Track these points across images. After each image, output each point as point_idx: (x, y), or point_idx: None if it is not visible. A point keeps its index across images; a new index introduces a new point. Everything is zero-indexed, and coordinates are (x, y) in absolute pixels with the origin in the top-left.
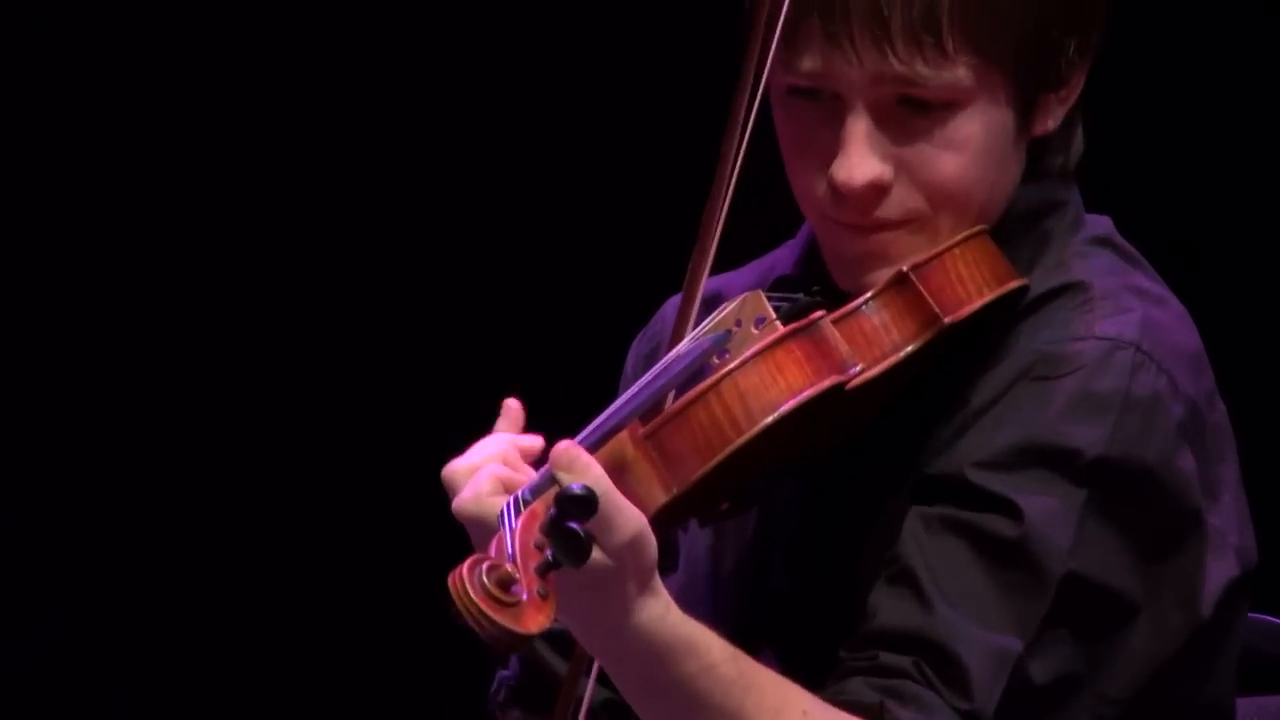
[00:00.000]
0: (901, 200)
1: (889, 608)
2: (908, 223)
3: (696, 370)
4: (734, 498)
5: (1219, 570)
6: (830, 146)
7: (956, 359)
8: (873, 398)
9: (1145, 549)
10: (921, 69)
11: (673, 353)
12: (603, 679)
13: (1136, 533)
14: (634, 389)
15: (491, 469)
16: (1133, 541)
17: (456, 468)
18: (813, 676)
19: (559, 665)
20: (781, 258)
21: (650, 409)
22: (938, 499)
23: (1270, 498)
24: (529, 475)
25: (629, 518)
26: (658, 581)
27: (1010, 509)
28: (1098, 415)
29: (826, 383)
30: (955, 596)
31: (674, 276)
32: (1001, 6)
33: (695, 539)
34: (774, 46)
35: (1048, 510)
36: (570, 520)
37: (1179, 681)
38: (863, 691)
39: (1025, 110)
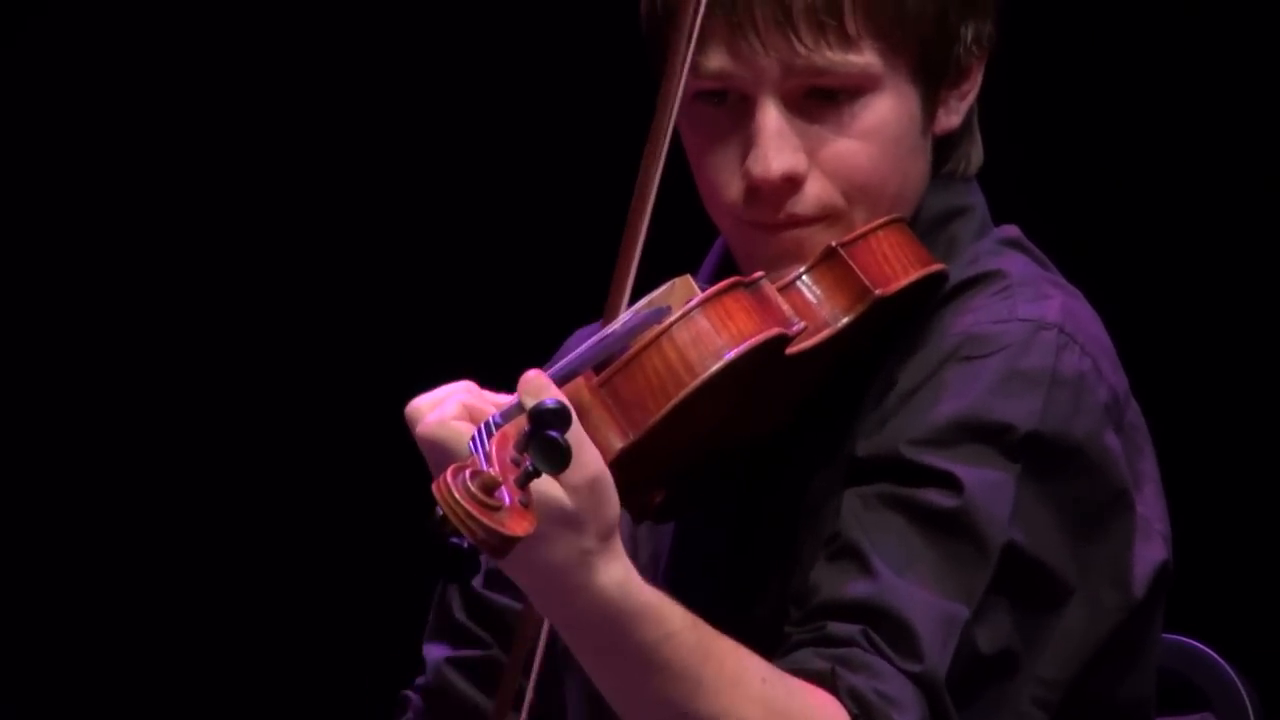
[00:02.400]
0: (816, 194)
1: (833, 581)
2: (822, 218)
3: (635, 339)
4: (669, 487)
5: (1148, 552)
6: (741, 146)
7: (881, 349)
8: (806, 380)
9: (1077, 527)
10: (827, 54)
11: (608, 327)
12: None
13: (1068, 510)
14: (577, 352)
15: (457, 396)
16: (1065, 519)
17: (419, 401)
18: None
19: (469, 692)
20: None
21: (599, 366)
22: (874, 478)
23: (1186, 526)
24: (494, 408)
25: (592, 455)
26: (619, 544)
27: (948, 480)
28: (1028, 391)
29: (773, 330)
30: (899, 566)
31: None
32: None
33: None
34: (690, 49)
35: (985, 481)
36: (550, 429)
37: (1110, 668)
38: (812, 660)
39: (928, 103)
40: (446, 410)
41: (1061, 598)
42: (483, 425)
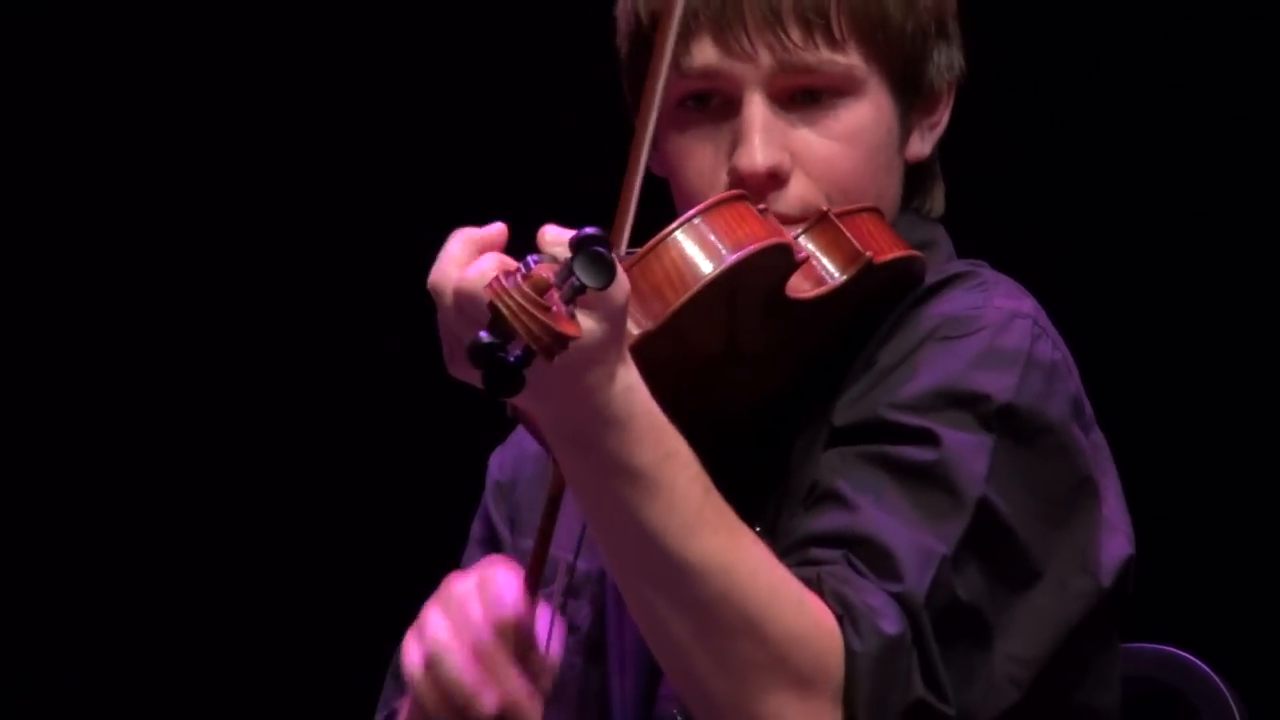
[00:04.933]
0: (799, 194)
1: (813, 520)
2: (804, 219)
3: None
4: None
5: (1113, 545)
6: (725, 146)
7: (862, 333)
8: (801, 338)
9: (1047, 507)
10: (814, 53)
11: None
12: None
13: (1039, 491)
14: None
15: (492, 254)
16: (1037, 496)
17: (444, 266)
18: None
19: None
20: None
21: None
22: (854, 440)
23: (1171, 536)
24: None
25: (623, 276)
26: (629, 356)
27: (927, 436)
28: (1004, 367)
29: (784, 238)
30: (880, 503)
31: None
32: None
33: None
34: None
35: (963, 441)
36: (594, 246)
37: (1073, 665)
38: (798, 573)
39: (903, 119)
40: (484, 264)
41: (1032, 576)
42: (519, 267)
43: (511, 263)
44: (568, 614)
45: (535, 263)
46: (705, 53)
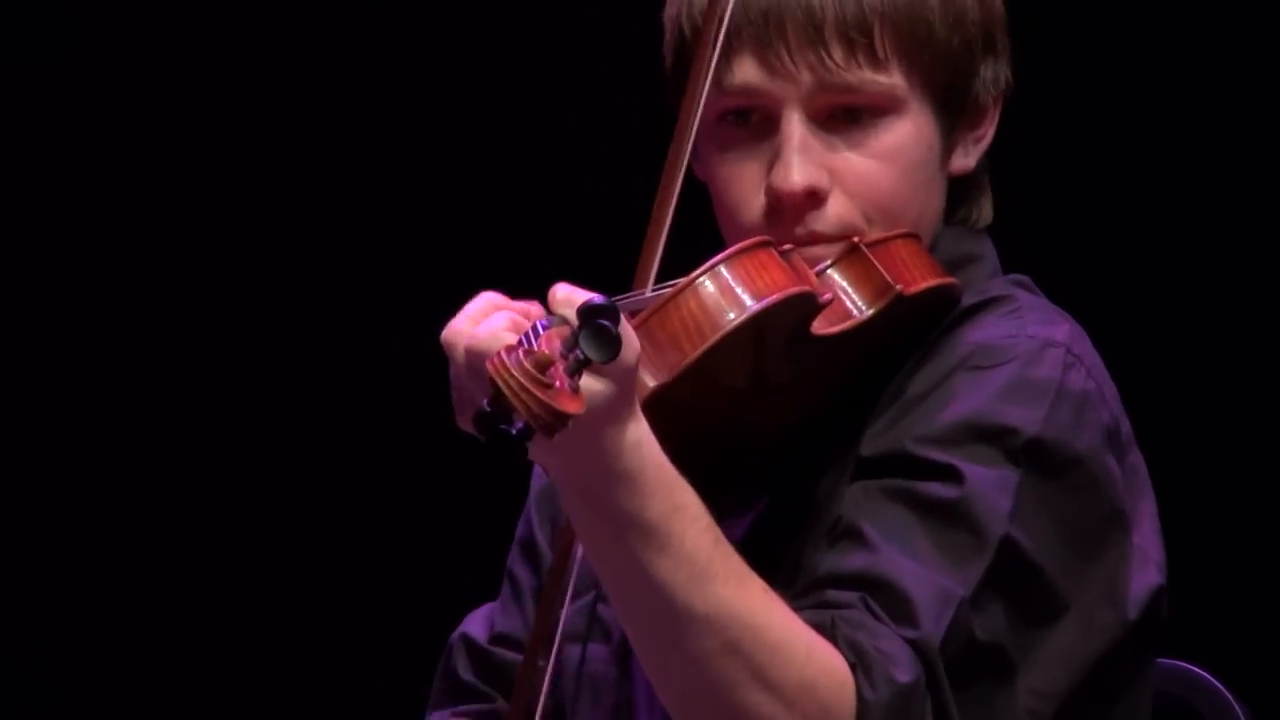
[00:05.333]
0: (838, 213)
1: (833, 559)
2: (841, 238)
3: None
4: (689, 478)
5: (1143, 577)
6: (764, 164)
7: (894, 362)
8: (828, 370)
9: (1075, 542)
10: (856, 72)
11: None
12: None
13: (1067, 523)
14: (615, 298)
15: (504, 313)
16: (1064, 531)
17: (459, 321)
18: None
19: None
20: None
21: (633, 312)
22: (879, 473)
23: (1183, 549)
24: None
25: (633, 337)
26: (639, 410)
27: (951, 473)
28: (1034, 399)
29: (806, 286)
30: (899, 543)
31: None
32: (930, 16)
33: None
34: (714, 58)
35: (988, 477)
36: (600, 319)
37: (1102, 695)
38: (811, 617)
39: (946, 137)
40: (495, 322)
41: (1057, 611)
42: (527, 332)
43: (523, 322)
44: (606, 620)
45: (545, 327)
46: (746, 70)
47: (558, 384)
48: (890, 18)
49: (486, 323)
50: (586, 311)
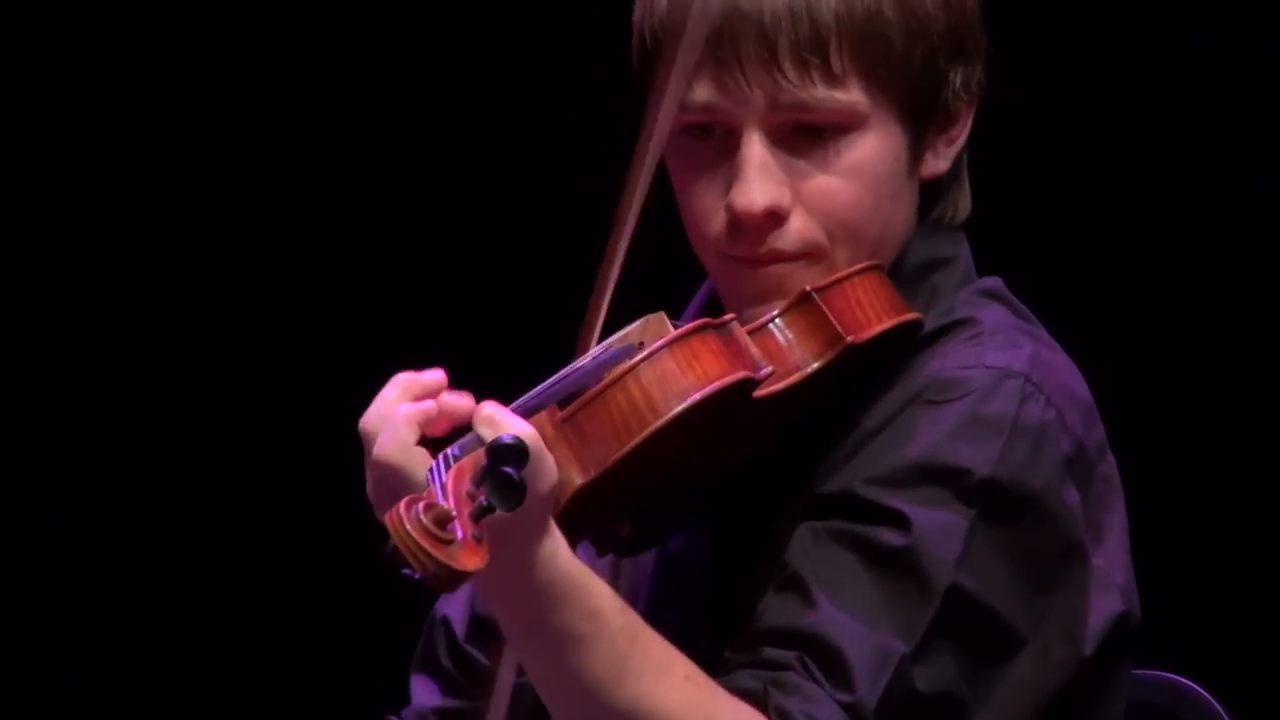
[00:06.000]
0: (799, 231)
1: (775, 609)
2: (804, 255)
3: (603, 374)
4: (635, 521)
5: (1102, 605)
6: (726, 179)
7: (850, 391)
8: (775, 420)
9: (1030, 577)
10: (812, 91)
11: (577, 361)
12: None
13: (1022, 559)
14: (543, 385)
15: (404, 409)
16: (1018, 568)
17: (369, 418)
18: None
19: None
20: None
21: (564, 400)
22: (829, 514)
23: (1170, 561)
24: (440, 408)
25: (551, 466)
26: (553, 522)
27: (899, 519)
28: (987, 437)
29: (740, 374)
30: (841, 599)
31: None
32: (888, 31)
33: None
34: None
35: (936, 523)
36: (505, 466)
37: (1068, 714)
38: (746, 679)
39: (915, 145)
40: (400, 433)
41: (1013, 648)
42: (440, 457)
43: (424, 410)
44: None
45: (456, 455)
46: (703, 89)
47: (459, 536)
48: (846, 35)
49: (392, 429)
50: (494, 453)
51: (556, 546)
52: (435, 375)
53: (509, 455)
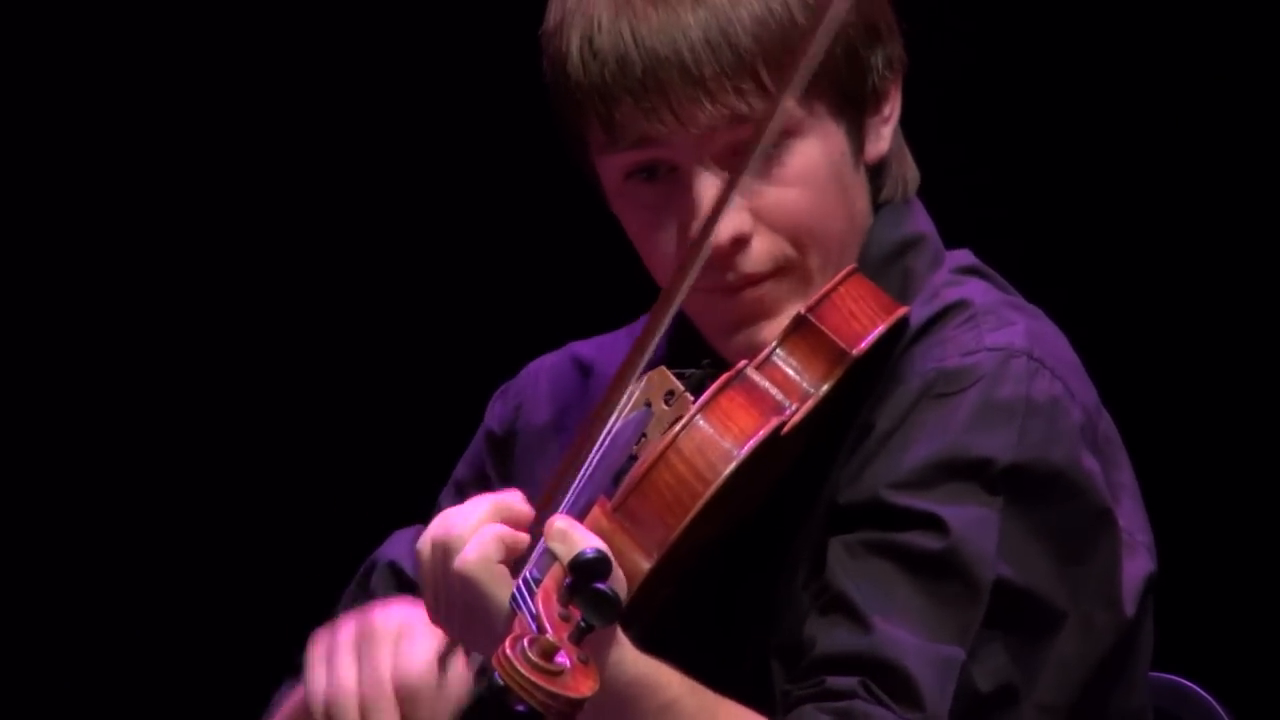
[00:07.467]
0: (766, 249)
1: (827, 635)
2: (777, 271)
3: (630, 448)
4: (680, 582)
5: (1134, 567)
6: (682, 217)
7: (855, 394)
8: (793, 444)
9: (1064, 552)
10: (746, 113)
11: (599, 443)
12: None
13: (1054, 536)
14: (582, 480)
15: (494, 529)
16: (1051, 545)
17: (454, 525)
18: None
19: None
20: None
21: (608, 489)
22: (857, 525)
23: (1160, 554)
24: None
25: (619, 570)
26: (619, 629)
27: (933, 522)
28: (1003, 423)
29: (773, 422)
30: (891, 613)
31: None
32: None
33: None
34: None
35: (970, 519)
36: (595, 582)
37: (1108, 686)
38: (816, 717)
39: (854, 135)
40: (487, 548)
41: (1056, 623)
42: (521, 582)
43: (515, 536)
44: None
45: (537, 576)
46: (637, 132)
47: (568, 664)
48: (766, 52)
49: (479, 543)
50: (581, 571)
51: (623, 650)
52: (527, 508)
53: (596, 570)
